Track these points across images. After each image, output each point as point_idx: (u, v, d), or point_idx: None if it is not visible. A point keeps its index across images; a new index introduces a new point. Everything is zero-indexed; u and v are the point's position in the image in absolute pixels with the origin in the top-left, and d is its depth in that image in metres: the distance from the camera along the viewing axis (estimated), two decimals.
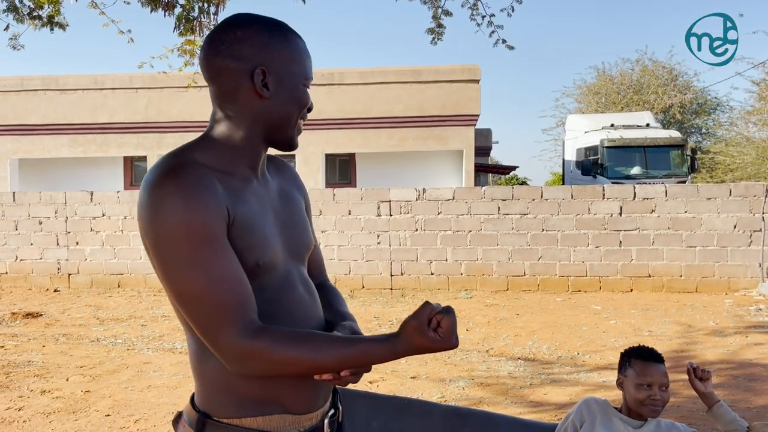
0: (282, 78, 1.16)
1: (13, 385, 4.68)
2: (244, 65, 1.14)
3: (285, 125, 1.20)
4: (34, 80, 13.68)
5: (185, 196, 1.05)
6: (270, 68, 1.15)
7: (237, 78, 1.15)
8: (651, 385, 1.97)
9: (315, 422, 1.20)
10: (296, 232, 1.27)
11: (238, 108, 1.17)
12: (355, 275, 8.73)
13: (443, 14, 4.26)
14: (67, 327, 6.79)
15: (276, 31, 1.17)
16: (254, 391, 1.13)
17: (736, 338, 5.87)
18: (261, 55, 1.15)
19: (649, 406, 1.95)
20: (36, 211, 9.31)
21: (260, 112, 1.17)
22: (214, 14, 4.32)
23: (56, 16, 4.32)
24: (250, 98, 1.16)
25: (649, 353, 2.05)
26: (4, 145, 13.86)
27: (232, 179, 1.14)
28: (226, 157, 1.16)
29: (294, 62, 1.18)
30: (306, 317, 1.21)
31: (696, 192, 8.26)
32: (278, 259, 1.18)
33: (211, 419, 1.14)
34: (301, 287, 1.23)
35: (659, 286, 8.26)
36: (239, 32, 1.15)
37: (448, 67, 13.01)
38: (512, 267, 8.52)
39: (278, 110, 1.18)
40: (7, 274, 9.34)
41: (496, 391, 4.50)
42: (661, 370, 1.99)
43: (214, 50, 1.16)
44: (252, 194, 1.17)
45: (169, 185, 1.05)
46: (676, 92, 23.64)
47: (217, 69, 1.16)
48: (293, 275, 1.23)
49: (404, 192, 8.68)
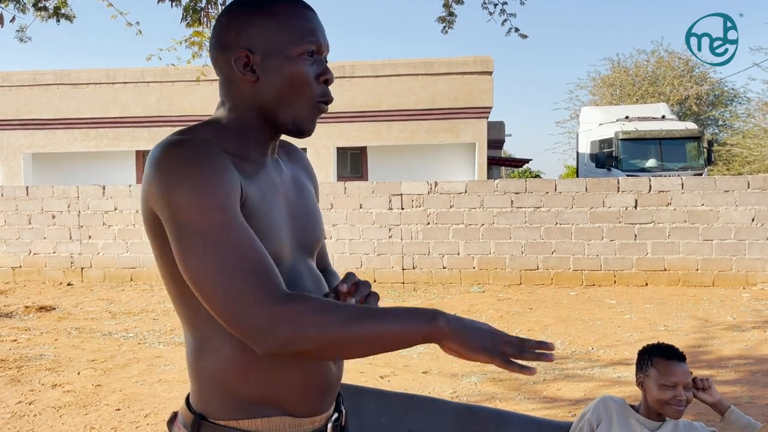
0: (268, 56, 1.07)
1: (24, 378, 4.69)
2: (229, 53, 1.09)
3: (283, 106, 1.09)
4: (46, 75, 13.74)
5: (201, 165, 0.97)
6: (253, 48, 1.07)
7: (228, 69, 1.10)
8: (676, 385, 1.89)
9: (317, 426, 1.13)
10: (307, 224, 1.20)
11: (236, 96, 1.12)
12: (366, 269, 8.68)
13: (454, 2, 4.18)
14: (80, 321, 6.81)
15: (255, 5, 1.09)
16: (253, 391, 1.07)
17: (754, 333, 5.76)
18: (241, 38, 1.08)
19: (673, 407, 1.87)
20: (49, 205, 9.35)
21: (254, 97, 1.10)
22: (222, 4, 4.27)
23: (63, 8, 4.29)
24: (241, 85, 1.10)
25: (671, 351, 1.97)
26: (18, 140, 13.95)
27: (245, 163, 1.08)
28: (235, 141, 1.09)
29: (277, 32, 1.07)
30: None
31: (713, 184, 8.11)
32: (285, 251, 1.11)
33: (207, 421, 1.08)
34: (310, 282, 1.15)
35: (675, 280, 8.14)
36: (224, 20, 1.11)
37: (460, 59, 12.89)
38: (525, 261, 8.43)
39: (270, 91, 1.09)
40: (20, 268, 9.40)
41: (509, 387, 4.44)
42: (684, 369, 1.92)
43: (210, 45, 1.15)
44: (264, 179, 1.11)
45: (182, 156, 0.98)
46: (692, 84, 23.34)
47: (213, 62, 1.14)
48: (301, 269, 1.15)
49: (416, 185, 8.61)
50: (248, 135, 1.11)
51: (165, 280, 1.08)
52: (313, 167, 1.35)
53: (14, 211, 9.40)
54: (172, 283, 1.06)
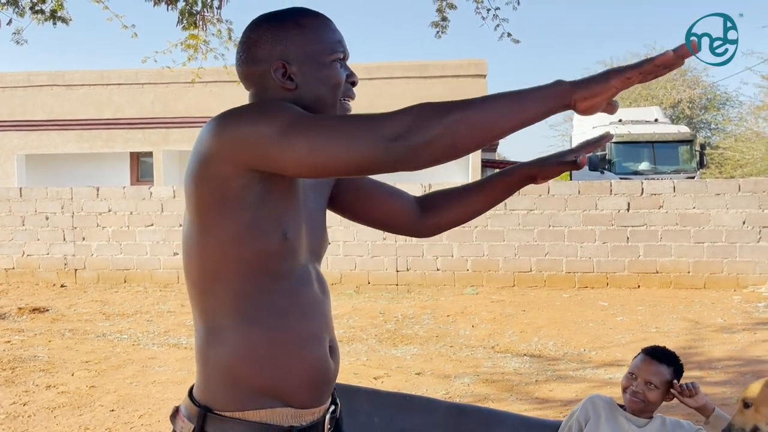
0: (303, 64, 1.16)
1: (18, 379, 4.69)
2: (264, 66, 1.16)
3: (323, 107, 1.18)
4: (40, 76, 13.71)
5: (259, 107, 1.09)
6: (289, 59, 1.15)
7: (262, 80, 1.17)
8: (636, 376, 1.96)
9: (316, 417, 1.19)
10: (318, 229, 1.26)
11: None
12: (360, 271, 8.71)
13: (447, 7, 4.22)
14: (73, 322, 6.80)
15: (284, 20, 1.17)
16: (259, 382, 1.12)
17: (744, 335, 5.82)
18: (276, 51, 1.16)
19: (628, 396, 1.95)
20: (43, 207, 9.34)
21: (297, 101, 1.16)
22: (218, 8, 4.30)
23: (59, 11, 4.31)
24: (278, 94, 1.17)
25: (654, 350, 2.03)
26: (11, 141, 13.91)
27: None
28: None
29: (310, 44, 1.17)
30: (318, 315, 1.20)
31: (704, 187, 8.19)
32: (303, 250, 1.18)
33: (212, 413, 1.11)
34: (317, 285, 1.22)
35: (667, 282, 8.20)
36: (252, 36, 1.18)
37: (454, 62, 12.95)
38: (518, 263, 8.48)
39: (309, 96, 1.17)
40: (14, 270, 9.38)
41: (502, 388, 4.48)
42: (654, 368, 1.96)
43: (238, 60, 1.20)
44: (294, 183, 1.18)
45: (240, 108, 1.08)
46: (685, 87, 23.51)
47: (246, 76, 1.20)
48: (310, 270, 1.22)
49: (410, 187, 8.64)
50: None
51: (186, 267, 1.14)
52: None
53: (8, 212, 9.38)
54: (193, 270, 1.13)
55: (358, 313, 7.14)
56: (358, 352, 5.50)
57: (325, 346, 1.20)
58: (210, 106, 13.02)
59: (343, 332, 6.21)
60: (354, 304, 7.67)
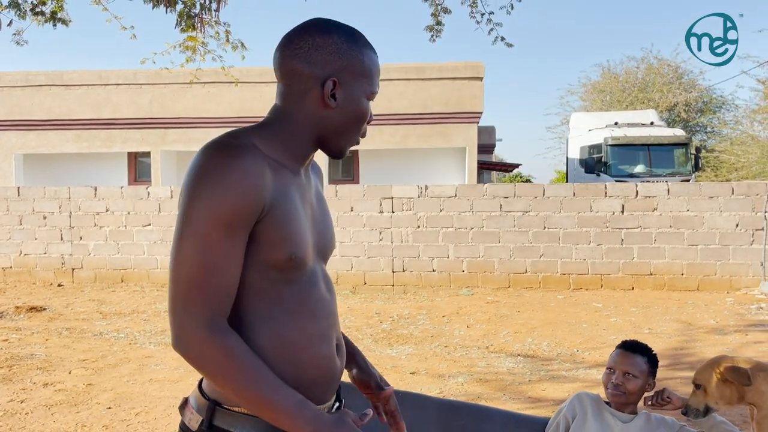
0: (350, 91, 1.20)
1: (16, 377, 4.73)
2: (318, 72, 1.18)
3: (342, 136, 1.23)
4: (38, 76, 13.73)
5: (228, 176, 1.07)
6: (341, 80, 1.19)
7: (308, 83, 1.19)
8: (614, 369, 2.03)
9: None
10: (325, 231, 1.30)
11: (303, 110, 1.20)
12: (357, 271, 8.76)
13: (442, 11, 4.27)
14: (71, 321, 6.84)
15: (353, 43, 1.20)
16: None
17: (735, 336, 5.88)
18: (335, 65, 1.18)
19: (609, 390, 2.01)
20: (40, 206, 9.37)
21: (322, 119, 1.20)
22: (216, 11, 4.35)
23: (59, 12, 4.35)
24: (316, 104, 1.19)
25: (627, 344, 2.11)
26: (9, 141, 13.93)
27: (283, 170, 1.18)
28: (281, 149, 1.20)
29: (364, 76, 1.21)
30: (326, 313, 1.25)
31: (698, 190, 8.26)
32: (309, 256, 1.21)
33: (221, 407, 1.15)
34: (323, 286, 1.27)
35: (661, 284, 8.27)
36: (318, 39, 1.19)
37: (451, 64, 13.01)
38: (514, 264, 8.54)
39: (340, 121, 1.21)
40: (11, 269, 9.41)
41: (495, 387, 4.53)
42: (630, 359, 2.04)
43: (290, 52, 1.19)
44: (297, 188, 1.21)
45: (217, 160, 1.09)
46: (681, 90, 23.58)
47: (290, 70, 1.20)
48: (318, 273, 1.26)
49: (406, 189, 8.70)
50: (295, 148, 1.21)
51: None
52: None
53: (5, 211, 9.41)
54: None
55: (354, 313, 7.18)
56: None
57: (333, 345, 1.25)
58: (207, 107, 13.06)
59: None
60: (350, 304, 7.71)
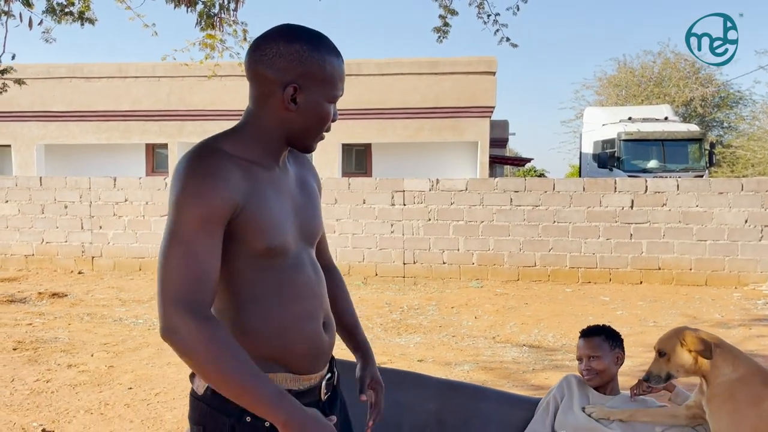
0: (311, 95, 1.29)
1: (41, 359, 4.96)
2: (280, 77, 1.27)
3: (306, 136, 1.34)
4: (60, 68, 14.02)
5: (200, 182, 1.21)
6: (302, 85, 1.28)
7: (272, 87, 1.29)
8: (581, 358, 2.22)
9: (313, 383, 1.38)
10: (310, 217, 1.43)
11: (268, 113, 1.31)
12: (368, 263, 8.93)
13: (449, 13, 4.40)
14: (91, 307, 7.08)
15: (315, 50, 1.28)
16: (262, 352, 1.29)
17: (739, 330, 5.97)
18: (297, 72, 1.27)
19: (585, 377, 2.18)
20: (61, 196, 9.63)
21: (285, 121, 1.31)
22: (234, 10, 4.51)
23: (86, 12, 4.55)
24: (279, 107, 1.30)
25: (584, 331, 2.30)
26: (32, 131, 14.26)
27: (256, 168, 1.30)
28: (252, 149, 1.31)
29: (326, 82, 1.30)
30: (312, 295, 1.38)
31: (708, 186, 8.31)
32: (291, 243, 1.33)
33: None
34: (310, 268, 1.38)
35: (669, 278, 8.35)
36: (282, 46, 1.28)
37: (464, 59, 13.09)
38: (523, 257, 8.65)
39: (302, 123, 1.32)
40: (33, 256, 9.69)
41: (499, 375, 4.68)
42: (590, 343, 2.22)
43: (257, 58, 1.29)
44: (272, 183, 1.32)
45: (191, 169, 1.23)
46: (697, 85, 23.40)
47: (257, 75, 1.30)
48: (303, 257, 1.38)
49: (418, 182, 8.84)
50: (267, 146, 1.34)
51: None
52: (318, 167, 1.59)
53: (28, 200, 9.68)
54: None
55: (364, 303, 7.35)
56: None
57: (319, 323, 1.38)
58: (224, 99, 13.27)
59: None
60: (361, 294, 7.89)
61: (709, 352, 1.89)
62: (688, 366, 1.95)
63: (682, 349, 1.94)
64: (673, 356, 1.97)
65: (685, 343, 1.94)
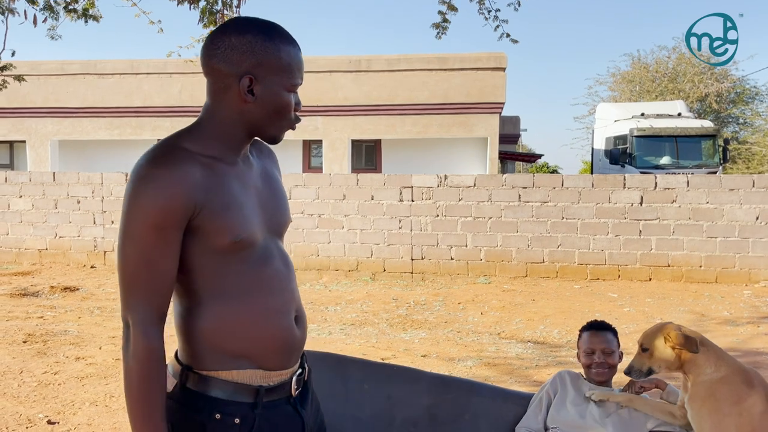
0: (267, 86, 1.28)
1: (50, 351, 5.04)
2: (234, 70, 1.26)
3: (268, 126, 1.32)
4: (73, 65, 14.17)
5: (155, 185, 1.21)
6: (257, 76, 1.27)
7: (227, 80, 1.28)
8: (593, 351, 2.18)
9: (284, 378, 1.35)
10: (276, 209, 1.42)
11: (226, 106, 1.30)
12: (376, 258, 8.95)
13: (449, 9, 4.39)
14: (102, 301, 7.17)
15: (268, 41, 1.27)
16: (232, 348, 1.29)
17: (747, 328, 5.93)
18: (250, 63, 1.26)
19: (593, 370, 2.15)
20: (74, 191, 9.74)
21: (244, 113, 1.30)
22: (237, 6, 4.54)
23: (90, 9, 4.60)
24: (236, 100, 1.28)
25: (595, 324, 2.27)
26: (45, 127, 14.43)
27: (218, 164, 1.28)
28: (213, 145, 1.30)
29: (281, 71, 1.29)
30: (282, 289, 1.36)
31: (718, 183, 8.23)
32: (257, 235, 1.32)
33: (192, 371, 1.30)
34: (279, 261, 1.37)
35: (678, 275, 8.28)
36: (234, 39, 1.27)
37: (473, 54, 13.05)
38: (531, 254, 8.63)
39: (261, 113, 1.30)
40: (47, 250, 9.82)
41: (502, 371, 4.68)
42: (603, 337, 2.20)
43: (210, 52, 1.29)
44: (235, 177, 1.31)
45: (147, 171, 1.22)
46: (713, 81, 23.12)
47: (211, 69, 1.29)
48: (272, 249, 1.36)
49: (426, 178, 8.84)
50: (228, 140, 1.33)
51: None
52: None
53: (41, 195, 9.81)
54: None
55: (371, 298, 7.39)
56: (368, 334, 5.75)
57: (290, 318, 1.36)
58: None
59: (355, 316, 6.46)
60: (369, 290, 7.92)
61: (695, 346, 1.89)
62: (670, 362, 1.94)
63: (665, 345, 1.94)
64: (655, 352, 1.97)
65: (669, 338, 1.94)
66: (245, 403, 1.29)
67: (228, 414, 1.26)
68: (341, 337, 5.65)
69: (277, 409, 1.34)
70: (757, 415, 1.81)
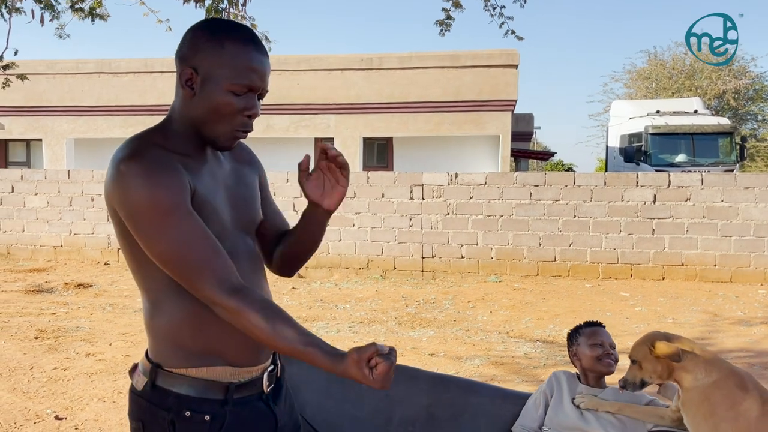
0: (206, 81, 1.26)
1: (61, 347, 5.10)
2: (183, 65, 1.28)
3: (206, 126, 1.29)
4: (88, 64, 14.32)
5: (147, 176, 1.19)
6: (199, 70, 1.26)
7: (179, 75, 1.29)
8: (603, 343, 2.20)
9: (255, 375, 1.35)
10: (245, 207, 1.40)
11: (179, 101, 1.32)
12: (387, 257, 8.95)
13: (454, 6, 4.37)
14: (114, 297, 7.24)
15: (216, 36, 1.27)
16: (200, 345, 1.29)
17: (761, 328, 5.84)
18: (195, 57, 1.27)
19: (604, 360, 2.16)
20: (89, 188, 9.84)
21: (189, 108, 1.30)
22: (242, 5, 4.56)
23: (98, 8, 4.64)
24: (184, 94, 1.29)
25: (594, 322, 2.30)
26: (61, 126, 14.59)
27: (189, 160, 1.29)
28: (180, 141, 1.30)
29: (224, 67, 1.25)
30: (248, 284, 1.32)
31: (733, 181, 8.12)
32: (226, 232, 1.31)
33: (162, 369, 1.29)
34: (245, 259, 1.36)
35: (692, 275, 8.19)
36: (189, 34, 1.30)
37: (486, 52, 12.98)
38: (543, 252, 8.58)
39: (199, 111, 1.28)
40: (61, 247, 9.94)
41: (510, 370, 4.66)
42: (605, 333, 2.26)
43: (175, 50, 1.32)
44: (206, 173, 1.32)
45: (133, 167, 1.20)
46: (730, 77, 22.81)
47: (175, 66, 1.33)
48: (239, 246, 1.35)
49: (437, 176, 8.82)
50: (187, 137, 1.32)
51: (126, 257, 1.32)
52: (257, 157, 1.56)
53: (56, 193, 9.93)
54: (132, 260, 1.30)
55: (381, 297, 7.38)
56: (376, 333, 5.75)
57: None
58: None
59: (364, 314, 6.47)
60: (379, 288, 7.92)
61: (677, 356, 1.87)
62: (660, 372, 1.93)
63: (652, 357, 1.93)
64: (644, 363, 1.95)
65: (654, 349, 1.92)
66: (215, 400, 1.29)
67: (198, 411, 1.26)
68: (349, 335, 5.66)
69: (248, 406, 1.33)
70: (754, 420, 1.78)
